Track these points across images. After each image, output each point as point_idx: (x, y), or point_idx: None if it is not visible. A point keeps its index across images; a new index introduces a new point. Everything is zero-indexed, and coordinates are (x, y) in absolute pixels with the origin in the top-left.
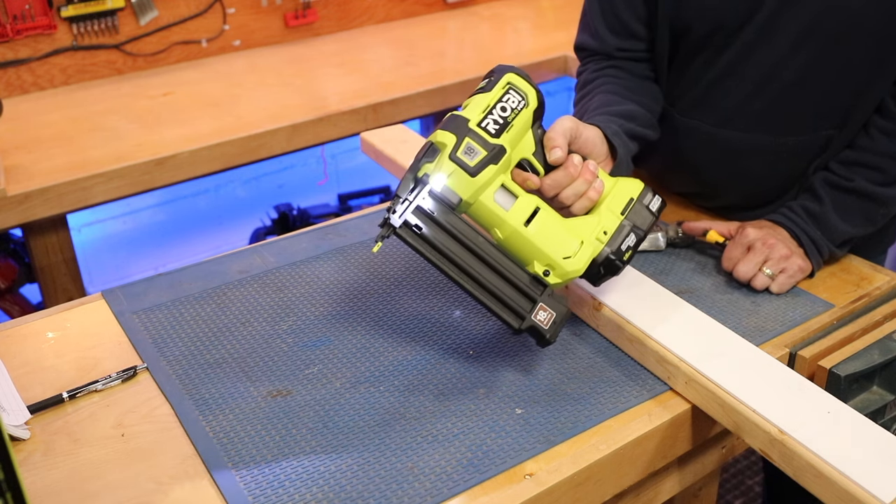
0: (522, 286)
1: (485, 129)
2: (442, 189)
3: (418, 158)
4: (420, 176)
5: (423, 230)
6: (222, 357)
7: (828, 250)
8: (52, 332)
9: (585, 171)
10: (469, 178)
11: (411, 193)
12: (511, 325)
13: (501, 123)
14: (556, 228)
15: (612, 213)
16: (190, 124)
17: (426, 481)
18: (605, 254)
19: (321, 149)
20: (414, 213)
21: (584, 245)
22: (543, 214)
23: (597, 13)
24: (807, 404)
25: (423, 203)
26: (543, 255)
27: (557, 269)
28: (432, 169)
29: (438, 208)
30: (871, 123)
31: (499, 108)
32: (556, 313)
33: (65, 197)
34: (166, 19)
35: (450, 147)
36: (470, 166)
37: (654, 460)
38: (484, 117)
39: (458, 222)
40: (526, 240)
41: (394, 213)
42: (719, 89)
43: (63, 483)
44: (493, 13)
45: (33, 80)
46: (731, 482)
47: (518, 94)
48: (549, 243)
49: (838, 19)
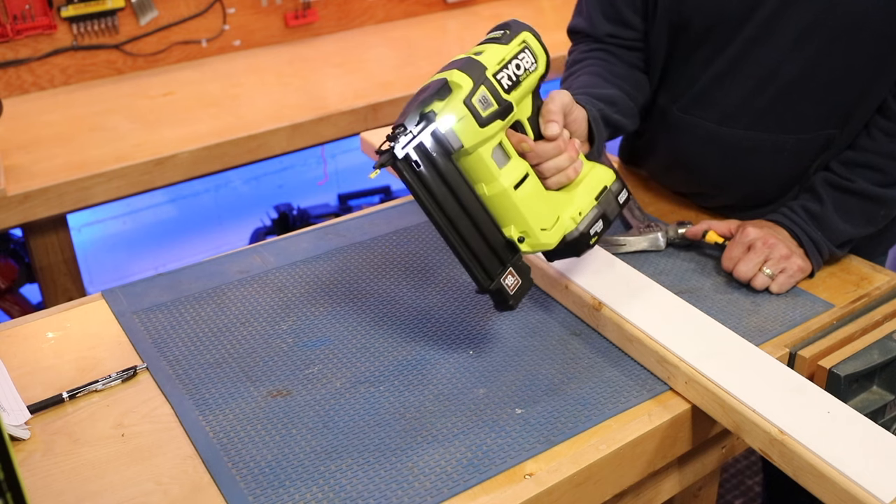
0: (497, 247)
1: (499, 81)
2: (447, 132)
3: (428, 93)
4: (426, 111)
5: (421, 168)
6: (222, 357)
7: (828, 251)
8: (52, 332)
9: (571, 148)
10: (477, 128)
11: (416, 127)
12: (480, 283)
13: (514, 81)
14: (540, 198)
15: (587, 196)
16: (190, 124)
17: (426, 481)
18: (575, 233)
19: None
20: (415, 148)
21: (559, 220)
22: (532, 182)
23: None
24: (807, 404)
25: (425, 140)
26: (523, 221)
27: (532, 238)
28: (441, 108)
29: (437, 150)
30: (872, 123)
31: (513, 64)
32: (521, 280)
33: (65, 197)
34: (166, 19)
35: (465, 91)
36: (482, 116)
37: (654, 460)
38: (500, 69)
39: (452, 169)
40: (512, 202)
41: (396, 142)
42: (720, 87)
43: (63, 483)
44: (493, 13)
45: (33, 80)
46: (731, 482)
47: (531, 55)
48: (530, 211)
49: (841, 18)
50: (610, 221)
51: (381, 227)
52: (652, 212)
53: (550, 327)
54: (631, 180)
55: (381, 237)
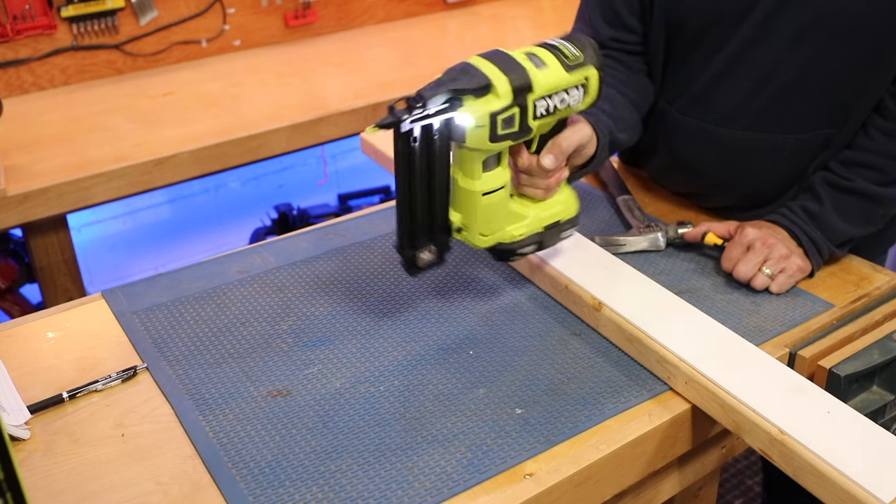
0: (436, 224)
1: (535, 107)
2: (459, 127)
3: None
4: (455, 99)
5: (415, 146)
6: (222, 357)
7: (827, 250)
8: (52, 332)
9: (555, 179)
10: (486, 141)
11: (436, 107)
12: (401, 245)
13: (549, 112)
14: (498, 209)
15: (538, 220)
16: (190, 124)
17: (426, 481)
18: (504, 248)
19: (321, 149)
20: (422, 127)
21: (499, 232)
22: (501, 194)
23: (594, 3)
24: (807, 404)
25: (435, 123)
26: (472, 220)
27: (468, 235)
28: (470, 106)
29: (440, 134)
30: (870, 123)
31: (560, 96)
32: (436, 259)
33: (65, 197)
34: (166, 19)
35: (499, 105)
36: (497, 133)
37: (654, 460)
38: (544, 97)
39: (441, 153)
40: (473, 204)
41: (409, 113)
42: (717, 87)
43: (63, 483)
44: (493, 13)
45: (33, 80)
46: (731, 482)
47: (582, 94)
48: (483, 218)
49: (838, 17)
50: (542, 248)
51: (381, 227)
52: (652, 212)
53: (550, 327)
54: (631, 180)
55: (381, 237)
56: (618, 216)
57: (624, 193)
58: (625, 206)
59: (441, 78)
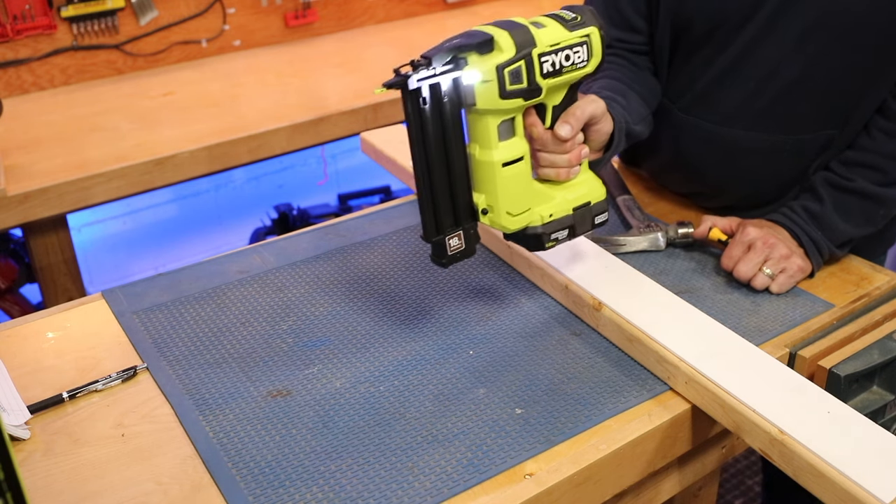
0: (459, 206)
1: (542, 64)
2: (467, 85)
3: (469, 41)
4: (459, 57)
5: (426, 107)
6: (222, 357)
7: (828, 250)
8: (52, 332)
9: (575, 153)
10: (497, 97)
11: (442, 66)
12: (427, 232)
13: (556, 69)
14: (521, 184)
15: (566, 202)
16: (190, 124)
17: (426, 481)
18: (537, 230)
19: (321, 149)
20: (430, 86)
21: (528, 213)
22: (522, 165)
23: (598, 4)
24: (807, 404)
25: (443, 83)
26: (495, 197)
27: (494, 215)
28: (474, 62)
29: (450, 97)
30: (872, 123)
31: (565, 53)
32: (465, 246)
33: (65, 197)
34: (166, 19)
35: (504, 57)
36: (506, 88)
37: (654, 460)
38: (548, 52)
39: (454, 120)
40: (494, 176)
41: (415, 72)
42: (720, 87)
43: (63, 483)
44: (493, 13)
45: (33, 80)
46: (731, 482)
47: (587, 52)
48: (506, 192)
49: (841, 17)
50: (576, 235)
51: (381, 227)
52: (652, 212)
53: (550, 327)
54: (631, 180)
55: (381, 237)
56: (618, 216)
57: (624, 193)
58: (625, 206)
59: (443, 42)
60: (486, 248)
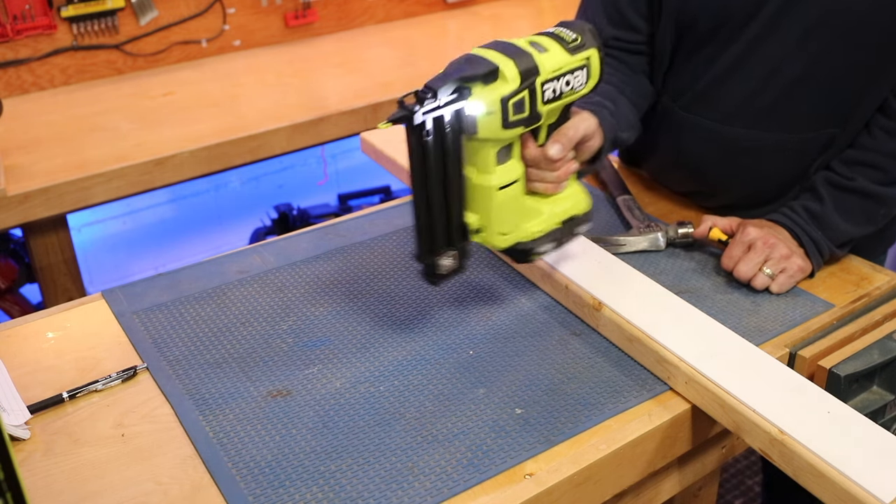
0: (454, 227)
1: (543, 92)
2: (470, 116)
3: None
4: (464, 87)
5: (428, 139)
6: (222, 357)
7: (828, 250)
8: (52, 332)
9: (565, 171)
10: (500, 127)
11: (446, 97)
12: (420, 252)
13: (556, 95)
14: (514, 204)
15: (554, 217)
16: (190, 124)
17: (426, 481)
18: (523, 247)
19: (321, 149)
20: (434, 119)
21: (517, 230)
22: (517, 188)
23: (597, 4)
24: (807, 404)
25: (446, 114)
26: (488, 219)
27: (486, 235)
28: (479, 93)
29: (452, 126)
30: (873, 122)
31: (565, 79)
32: (455, 267)
33: (65, 197)
34: (166, 19)
35: (508, 89)
36: (509, 119)
37: (654, 460)
38: (551, 79)
39: (454, 147)
40: (489, 200)
41: (421, 105)
42: (722, 85)
43: (63, 483)
44: (493, 13)
45: (33, 80)
46: (731, 482)
47: (586, 76)
48: (500, 215)
49: (844, 17)
50: (559, 246)
51: (381, 227)
52: (652, 212)
53: (550, 327)
54: (631, 180)
55: (381, 237)
56: (618, 216)
57: (624, 193)
58: (625, 206)
59: (447, 70)
60: (486, 248)
